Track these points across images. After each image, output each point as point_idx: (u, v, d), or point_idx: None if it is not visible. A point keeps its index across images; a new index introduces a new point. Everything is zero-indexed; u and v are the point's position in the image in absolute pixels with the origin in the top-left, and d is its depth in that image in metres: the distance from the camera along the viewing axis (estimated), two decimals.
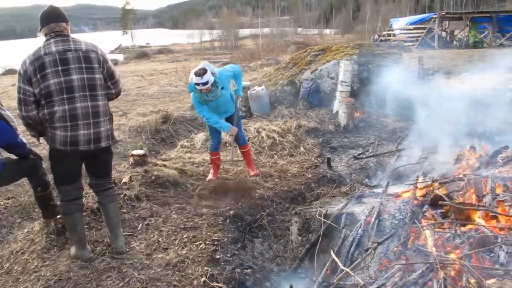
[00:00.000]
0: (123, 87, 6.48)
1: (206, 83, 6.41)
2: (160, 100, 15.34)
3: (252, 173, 7.64)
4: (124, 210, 6.14)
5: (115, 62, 37.37)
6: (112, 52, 65.97)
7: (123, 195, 6.40)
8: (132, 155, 7.63)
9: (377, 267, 4.76)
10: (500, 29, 35.51)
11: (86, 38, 5.12)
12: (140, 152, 7.66)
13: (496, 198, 5.44)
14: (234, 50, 50.85)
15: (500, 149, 6.98)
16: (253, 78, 15.63)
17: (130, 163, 7.57)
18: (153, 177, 7.07)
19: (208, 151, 7.67)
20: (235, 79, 7.30)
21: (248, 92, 11.29)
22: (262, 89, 11.27)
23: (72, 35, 4.62)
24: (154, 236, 5.57)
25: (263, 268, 5.68)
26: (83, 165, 4.88)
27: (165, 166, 7.74)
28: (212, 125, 7.15)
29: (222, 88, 6.79)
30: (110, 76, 4.77)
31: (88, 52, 4.53)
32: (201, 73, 6.38)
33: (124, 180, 6.85)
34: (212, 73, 6.60)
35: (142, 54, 51.29)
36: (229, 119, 7.29)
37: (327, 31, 74.62)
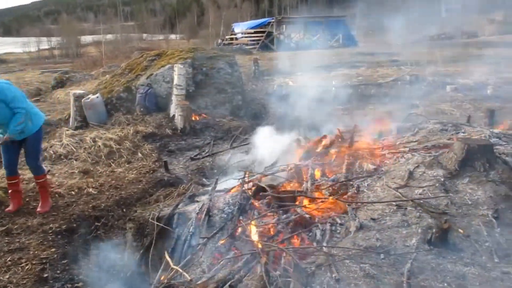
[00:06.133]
0: None
1: None
2: None
3: (39, 209, 6.41)
4: None
5: None
6: None
7: None
8: None
9: (210, 261, 4.93)
10: (330, 32, 39.03)
11: None
12: None
13: (314, 183, 6.01)
14: (76, 58, 48.27)
15: (321, 138, 7.70)
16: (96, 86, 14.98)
17: None
18: None
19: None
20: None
21: (83, 100, 10.80)
22: (97, 97, 10.86)
23: None
24: None
25: (98, 279, 5.52)
26: None
27: None
28: None
29: None
30: None
31: None
32: None
33: None
34: None
35: None
36: (23, 142, 6.20)
37: (172, 36, 74.57)
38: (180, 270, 4.57)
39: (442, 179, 5.32)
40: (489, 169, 5.28)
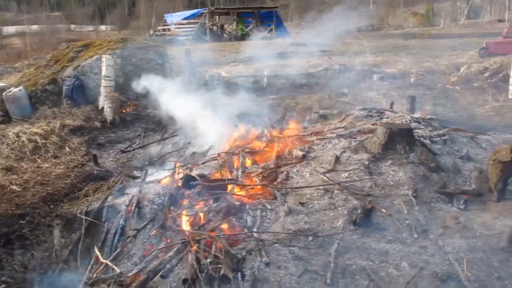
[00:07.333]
0: None
1: None
2: None
3: None
4: None
5: None
6: None
7: None
8: None
9: (141, 253, 4.87)
10: (262, 23, 39.26)
11: None
12: None
13: (245, 171, 6.08)
14: None
15: (250, 126, 7.78)
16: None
17: None
18: None
19: None
20: None
21: (4, 94, 10.24)
22: (20, 90, 10.34)
23: None
24: None
25: (23, 279, 5.32)
26: None
27: None
28: None
29: None
30: None
31: None
32: None
33: None
34: None
35: None
36: None
37: (103, 27, 71.97)
38: (110, 264, 4.49)
39: (367, 163, 5.57)
40: (409, 151, 5.58)
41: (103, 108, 9.91)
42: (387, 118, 7.16)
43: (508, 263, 3.92)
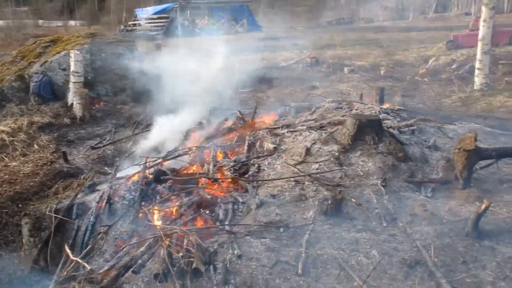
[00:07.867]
0: None
1: None
2: None
3: None
4: None
5: None
6: None
7: None
8: None
9: (113, 249, 4.82)
10: (234, 17, 39.11)
11: None
12: None
13: (217, 164, 6.07)
14: None
15: (222, 120, 7.77)
16: None
17: None
18: None
19: None
20: None
21: None
22: None
23: None
24: None
25: None
26: None
27: None
28: None
29: None
30: None
31: None
32: None
33: None
34: None
35: None
36: None
37: (72, 22, 70.53)
38: (80, 261, 4.43)
39: (337, 154, 5.63)
40: (378, 142, 5.66)
41: (72, 104, 9.76)
42: (356, 109, 7.24)
43: (472, 248, 4.03)
